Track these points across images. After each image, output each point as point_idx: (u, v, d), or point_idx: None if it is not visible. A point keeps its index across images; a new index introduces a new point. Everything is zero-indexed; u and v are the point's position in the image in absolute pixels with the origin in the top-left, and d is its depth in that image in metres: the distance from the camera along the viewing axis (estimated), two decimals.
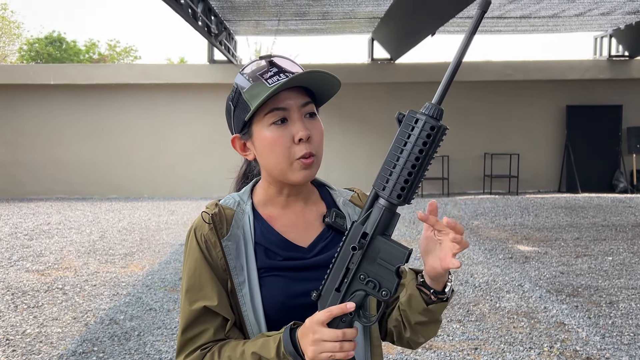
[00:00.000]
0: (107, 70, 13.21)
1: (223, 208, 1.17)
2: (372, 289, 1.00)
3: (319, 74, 1.10)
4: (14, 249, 7.10)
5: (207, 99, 12.33)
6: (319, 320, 0.99)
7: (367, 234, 1.00)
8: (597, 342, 3.87)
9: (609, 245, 6.99)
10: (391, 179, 0.97)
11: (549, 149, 12.91)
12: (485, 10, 0.95)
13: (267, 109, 1.10)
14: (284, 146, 1.10)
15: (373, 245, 1.00)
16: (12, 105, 12.44)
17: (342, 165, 12.38)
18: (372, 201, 1.01)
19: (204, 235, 1.14)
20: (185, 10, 7.94)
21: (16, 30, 25.33)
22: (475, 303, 4.76)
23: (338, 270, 1.01)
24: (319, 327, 0.98)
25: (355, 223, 1.02)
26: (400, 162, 0.96)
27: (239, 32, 12.51)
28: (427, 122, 0.94)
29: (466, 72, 12.65)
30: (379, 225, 0.99)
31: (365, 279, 1.00)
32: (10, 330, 4.24)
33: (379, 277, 1.00)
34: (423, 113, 0.95)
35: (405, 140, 0.96)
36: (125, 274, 5.85)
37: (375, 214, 1.00)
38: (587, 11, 10.21)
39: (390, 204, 0.98)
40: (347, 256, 1.01)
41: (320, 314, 0.99)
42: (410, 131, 0.95)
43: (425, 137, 0.94)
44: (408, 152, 0.95)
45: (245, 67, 1.15)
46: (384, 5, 9.55)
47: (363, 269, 1.00)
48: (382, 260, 1.00)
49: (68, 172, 12.53)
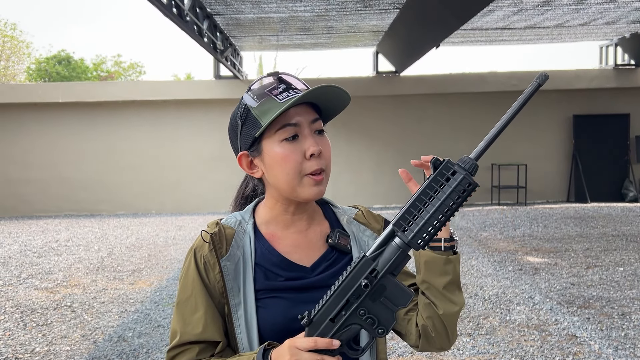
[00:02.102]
0: (114, 87, 13.33)
1: (224, 227, 1.16)
2: (369, 325, 0.99)
3: (332, 89, 1.10)
4: (23, 266, 7.12)
5: (213, 114, 12.40)
6: (301, 345, 0.97)
7: (377, 272, 0.98)
8: (610, 354, 3.81)
9: (620, 255, 6.92)
10: (415, 223, 0.95)
11: (556, 159, 12.85)
12: (542, 84, 0.97)
13: (278, 125, 1.10)
14: (296, 162, 1.10)
15: (380, 283, 0.99)
16: (20, 124, 12.57)
17: (348, 178, 12.37)
18: (387, 239, 0.99)
19: (203, 256, 1.13)
20: (191, 27, 8.02)
21: (25, 50, 25.67)
22: (485, 316, 4.71)
23: (337, 300, 0.98)
24: (301, 352, 0.97)
25: (365, 257, 0.99)
26: (428, 209, 0.95)
27: (245, 48, 12.61)
28: (465, 178, 0.95)
29: (471, 83, 12.66)
30: (392, 265, 0.98)
31: (364, 315, 0.99)
32: (19, 348, 4.24)
33: (378, 315, 0.99)
34: (462, 167, 0.96)
35: (438, 188, 0.95)
36: (134, 291, 5.84)
37: (389, 253, 0.98)
38: (592, 20, 10.21)
39: (407, 248, 0.98)
40: (351, 289, 0.98)
41: (304, 340, 0.98)
42: (445, 181, 0.95)
43: (460, 192, 0.95)
44: (439, 202, 0.95)
45: (252, 84, 1.15)
46: (388, 19, 9.60)
47: (364, 304, 0.98)
48: (385, 300, 0.99)
49: (76, 190, 12.60)
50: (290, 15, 9.27)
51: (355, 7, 8.81)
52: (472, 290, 5.50)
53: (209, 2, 8.56)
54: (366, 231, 1.22)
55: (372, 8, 8.86)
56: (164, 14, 6.98)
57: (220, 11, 9.02)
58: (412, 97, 12.72)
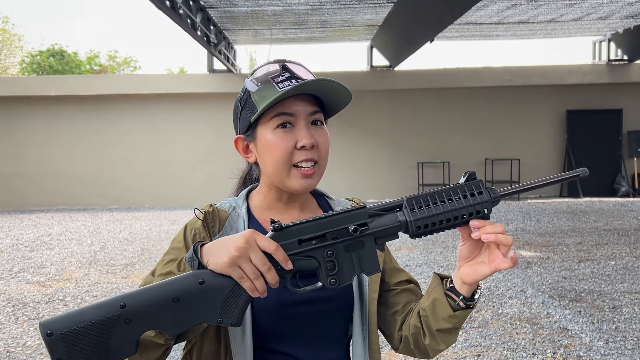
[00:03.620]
0: (108, 81, 13.26)
1: (218, 210, 1.17)
2: (327, 269, 0.94)
3: (330, 84, 1.08)
4: (15, 260, 7.09)
5: (207, 108, 12.36)
6: (261, 242, 0.91)
7: (367, 227, 0.96)
8: (601, 347, 3.84)
9: (612, 249, 6.96)
10: (426, 211, 0.97)
11: (549, 154, 12.90)
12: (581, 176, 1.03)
13: (273, 112, 1.09)
14: (286, 151, 1.09)
15: (361, 240, 0.96)
16: (13, 117, 12.49)
17: (342, 173, 12.38)
18: (394, 207, 0.99)
19: (194, 229, 1.13)
20: (184, 21, 7.98)
21: (18, 43, 25.48)
22: (477, 309, 4.73)
23: (316, 228, 0.94)
24: (257, 246, 0.90)
25: (364, 209, 0.97)
26: (441, 207, 0.97)
27: (238, 42, 12.56)
28: (487, 202, 1.00)
29: (466, 78, 12.68)
30: (382, 231, 0.97)
31: (330, 257, 0.95)
32: (11, 342, 4.22)
33: (342, 265, 0.95)
34: (489, 194, 1.00)
35: (460, 196, 0.99)
36: (127, 285, 5.83)
37: (388, 219, 0.98)
38: (585, 15, 10.23)
39: (405, 226, 0.97)
40: (335, 226, 0.95)
41: (267, 240, 0.91)
42: (470, 194, 0.99)
43: (474, 210, 0.99)
44: (453, 207, 0.98)
45: (257, 69, 1.15)
46: (383, 13, 9.58)
47: (336, 247, 0.95)
48: (356, 257, 0.96)
49: (69, 183, 12.54)
50: (284, 9, 9.24)
51: (350, 1, 8.79)
52: None
53: None
54: None
55: (366, 2, 8.84)
56: (157, 7, 6.94)
57: (213, 4, 8.98)
58: (406, 92, 12.72)
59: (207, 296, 0.90)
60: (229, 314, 0.91)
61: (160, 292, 0.89)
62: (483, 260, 1.02)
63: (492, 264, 1.00)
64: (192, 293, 0.89)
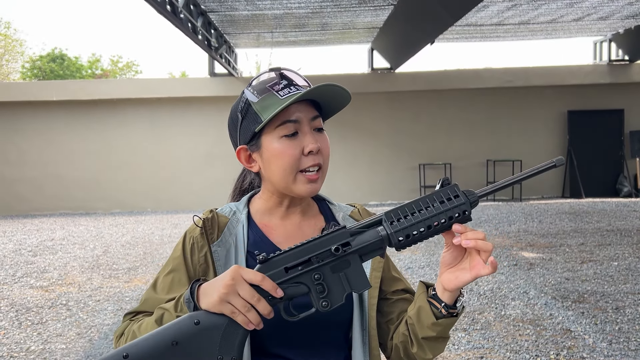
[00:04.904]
0: (109, 85, 13.29)
1: (217, 215, 1.18)
2: (317, 292, 0.96)
3: (335, 88, 1.10)
4: (18, 265, 7.10)
5: (208, 112, 12.38)
6: (247, 275, 0.93)
7: (350, 245, 0.97)
8: (604, 348, 3.83)
9: (614, 250, 6.95)
10: (405, 222, 0.98)
11: (551, 154, 12.87)
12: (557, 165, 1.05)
13: (278, 121, 1.10)
14: (293, 158, 1.10)
15: (346, 259, 0.98)
16: (15, 123, 12.52)
17: (343, 175, 12.38)
18: (374, 223, 1.00)
19: (193, 237, 1.16)
20: (185, 25, 8.00)
21: (19, 48, 25.55)
22: (480, 311, 4.73)
23: (300, 254, 0.96)
24: (243, 281, 0.93)
25: (344, 229, 0.99)
26: (420, 215, 0.98)
27: (239, 45, 12.58)
28: (464, 205, 0.99)
29: (466, 79, 12.68)
30: (365, 247, 0.98)
31: (318, 280, 0.96)
32: (14, 347, 4.23)
33: (331, 287, 0.97)
34: (465, 195, 1.00)
35: (437, 202, 0.99)
36: (129, 289, 5.83)
37: (369, 235, 0.99)
38: (586, 16, 10.23)
39: (388, 239, 0.98)
40: (318, 250, 0.97)
41: (252, 272, 0.94)
42: (447, 199, 0.99)
43: (453, 214, 0.98)
44: (432, 214, 0.98)
45: (254, 79, 1.16)
46: (383, 15, 9.60)
47: (323, 270, 0.97)
48: (344, 277, 0.97)
49: (71, 188, 12.57)
50: (284, 12, 9.26)
51: (350, 4, 8.80)
52: (467, 286, 5.50)
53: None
54: None
55: (366, 4, 8.86)
56: (158, 11, 6.96)
57: (214, 8, 9.00)
58: (407, 94, 12.72)
59: (205, 336, 0.93)
60: (228, 350, 0.94)
61: (160, 338, 0.92)
62: (464, 267, 1.03)
63: (472, 270, 1.01)
64: (189, 334, 0.92)
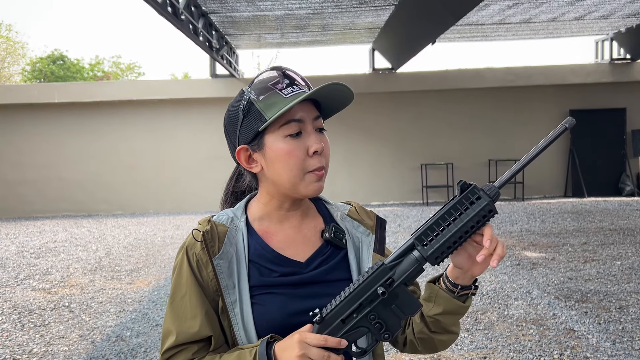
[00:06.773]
0: (111, 87, 13.30)
1: (216, 225, 1.14)
2: (376, 329, 1.03)
3: (340, 87, 1.10)
4: (21, 267, 7.11)
5: (210, 113, 12.38)
6: (312, 341, 0.99)
7: (394, 280, 1.02)
8: (608, 348, 3.82)
9: (617, 249, 6.93)
10: (436, 240, 1.00)
11: (553, 154, 12.86)
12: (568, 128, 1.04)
13: (283, 120, 1.09)
14: (299, 158, 1.09)
15: (394, 292, 1.03)
16: (17, 125, 12.53)
17: (345, 175, 12.37)
18: (406, 251, 1.03)
19: (196, 254, 1.12)
20: (186, 26, 8.00)
21: (20, 51, 25.60)
22: (483, 311, 4.72)
23: (350, 302, 1.02)
24: (311, 347, 0.99)
25: (383, 265, 1.03)
26: (450, 229, 1.00)
27: (241, 46, 12.58)
28: (488, 204, 1.00)
29: (468, 79, 12.66)
30: (407, 277, 1.02)
31: (374, 320, 1.02)
32: (17, 349, 4.23)
33: (387, 321, 1.03)
34: (487, 194, 1.01)
35: (462, 210, 1.00)
36: (132, 290, 5.84)
37: (407, 264, 1.03)
38: (587, 14, 10.21)
39: (424, 261, 1.02)
40: (365, 294, 1.02)
41: (315, 337, 1.00)
42: (470, 204, 1.00)
43: (481, 217, 1.00)
44: (462, 223, 0.99)
45: (256, 77, 1.14)
46: (384, 16, 9.59)
47: (376, 309, 1.02)
48: (396, 307, 1.03)
49: (73, 190, 12.58)
50: (285, 13, 9.25)
51: (351, 4, 8.80)
52: None
53: (204, 1, 8.53)
54: (359, 227, 1.21)
55: (367, 5, 8.85)
56: (159, 13, 6.96)
57: (215, 9, 9.00)
58: (408, 94, 12.71)
59: None
60: None
61: None
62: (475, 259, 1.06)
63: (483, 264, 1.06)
64: None
